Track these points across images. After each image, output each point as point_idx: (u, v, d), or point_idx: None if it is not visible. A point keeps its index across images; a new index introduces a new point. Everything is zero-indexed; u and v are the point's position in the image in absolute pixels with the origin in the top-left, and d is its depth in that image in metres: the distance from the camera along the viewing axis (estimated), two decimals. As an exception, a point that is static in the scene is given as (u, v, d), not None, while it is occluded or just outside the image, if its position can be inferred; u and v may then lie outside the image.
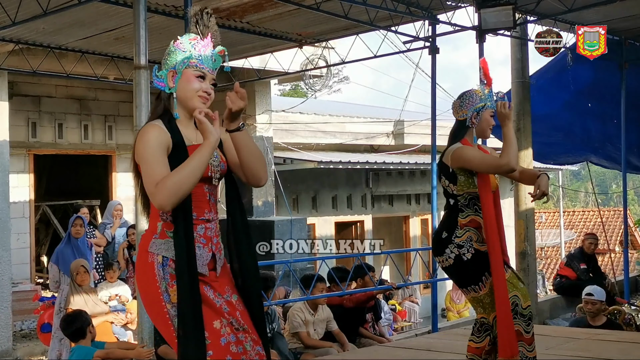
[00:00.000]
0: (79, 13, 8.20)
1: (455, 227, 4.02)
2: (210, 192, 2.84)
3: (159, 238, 2.76)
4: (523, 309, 3.93)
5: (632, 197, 35.82)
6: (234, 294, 2.86)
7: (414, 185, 16.05)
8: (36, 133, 11.85)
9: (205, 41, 2.86)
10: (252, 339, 2.80)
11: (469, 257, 3.96)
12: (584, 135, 11.54)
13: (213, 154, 2.74)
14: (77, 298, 6.92)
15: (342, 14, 8.45)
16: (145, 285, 2.78)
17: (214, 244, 2.84)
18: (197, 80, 2.81)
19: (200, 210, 2.79)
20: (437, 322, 8.76)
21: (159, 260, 2.74)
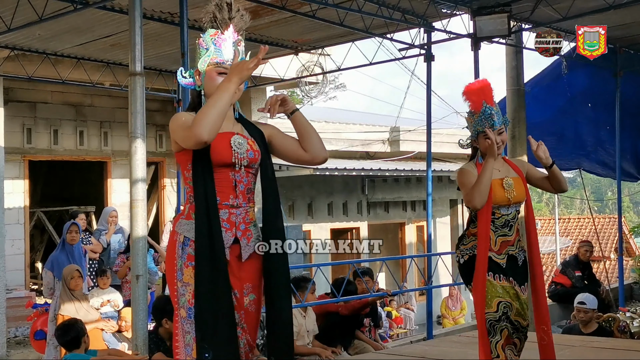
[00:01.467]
0: (75, 19, 8.21)
1: (464, 236, 4.25)
2: (237, 179, 2.90)
3: (185, 219, 2.90)
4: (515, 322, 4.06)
5: (627, 205, 35.91)
6: (252, 293, 2.90)
7: (410, 192, 16.05)
8: (31, 139, 11.83)
9: (226, 34, 2.92)
10: (247, 339, 2.86)
11: (466, 259, 4.17)
12: (577, 139, 11.55)
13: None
14: (68, 305, 6.89)
15: (338, 21, 8.47)
16: (168, 262, 2.95)
17: (240, 229, 2.89)
18: (219, 77, 2.89)
19: (224, 195, 2.86)
20: (432, 329, 8.76)
21: (181, 240, 2.87)
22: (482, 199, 3.99)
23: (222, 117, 2.70)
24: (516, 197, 4.14)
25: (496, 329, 4.01)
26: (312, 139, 3.04)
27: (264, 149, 2.96)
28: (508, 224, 4.12)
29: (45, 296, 8.26)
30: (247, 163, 2.90)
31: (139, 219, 5.61)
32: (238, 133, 2.93)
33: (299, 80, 12.00)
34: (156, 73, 11.28)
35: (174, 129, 2.85)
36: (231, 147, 2.86)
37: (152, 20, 8.26)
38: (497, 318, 4.02)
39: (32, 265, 12.76)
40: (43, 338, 7.22)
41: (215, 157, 2.82)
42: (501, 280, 4.07)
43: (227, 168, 2.86)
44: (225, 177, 2.86)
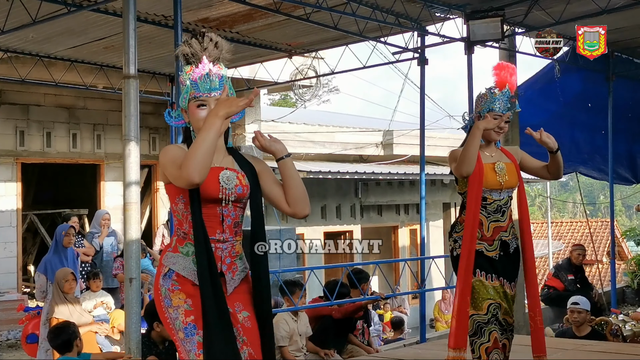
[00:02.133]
0: (68, 22, 8.20)
1: (457, 223, 4.26)
2: (224, 214, 2.89)
3: (172, 252, 2.91)
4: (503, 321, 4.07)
5: (619, 208, 36.02)
6: (245, 311, 2.91)
7: (403, 196, 16.06)
8: (24, 141, 11.81)
9: (200, 67, 2.91)
10: (249, 353, 2.86)
11: (459, 252, 4.15)
12: (573, 146, 11.59)
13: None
14: (62, 308, 6.86)
15: (332, 24, 8.48)
16: (155, 295, 2.96)
17: (225, 264, 2.90)
18: (199, 111, 2.89)
19: (211, 230, 2.86)
20: (425, 332, 8.76)
21: (165, 271, 2.89)
22: (469, 165, 4.02)
23: (211, 156, 2.69)
24: (508, 182, 4.16)
25: (484, 332, 4.03)
26: (297, 193, 2.96)
27: (253, 183, 2.94)
28: (500, 210, 4.14)
29: (38, 299, 8.23)
30: (235, 198, 2.89)
31: (132, 221, 5.60)
32: (227, 167, 2.91)
33: (293, 83, 12.01)
34: (150, 76, 11.28)
35: (164, 163, 2.83)
36: (219, 183, 2.85)
37: (146, 22, 8.26)
38: (486, 320, 4.03)
39: (25, 268, 12.72)
40: (35, 341, 7.19)
41: (203, 192, 2.81)
42: (493, 280, 4.08)
43: (214, 203, 2.86)
44: (213, 212, 2.86)
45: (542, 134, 4.15)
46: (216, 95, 2.88)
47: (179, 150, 2.85)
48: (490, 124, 4.09)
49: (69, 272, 7.08)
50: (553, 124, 11.02)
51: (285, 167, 2.95)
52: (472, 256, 4.04)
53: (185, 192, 2.81)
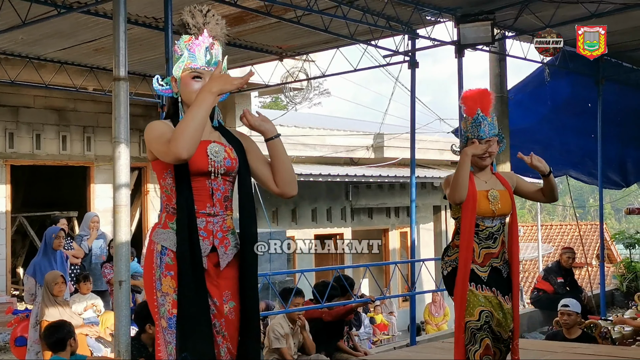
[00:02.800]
0: (58, 24, 8.17)
1: (449, 247, 4.27)
2: (214, 187, 2.88)
3: (162, 228, 2.88)
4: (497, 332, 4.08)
5: (608, 212, 36.17)
6: (232, 301, 2.89)
7: (394, 199, 16.08)
8: (14, 143, 11.75)
9: (200, 39, 2.88)
10: (227, 347, 2.85)
11: (449, 270, 4.20)
12: (563, 149, 11.63)
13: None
14: (52, 310, 6.84)
15: (323, 27, 8.49)
16: (146, 272, 2.91)
17: (217, 238, 2.87)
18: (193, 82, 2.87)
19: (201, 203, 2.85)
20: (415, 335, 8.77)
21: (158, 249, 2.85)
22: (461, 193, 4.03)
23: (201, 132, 2.67)
24: (501, 210, 4.17)
25: (477, 338, 4.02)
26: (286, 173, 2.95)
27: (241, 157, 2.93)
28: (492, 237, 4.14)
29: (27, 302, 8.19)
30: (224, 171, 2.88)
31: (122, 224, 5.57)
32: (215, 141, 2.90)
33: (284, 86, 12.00)
34: (140, 78, 11.26)
35: (149, 140, 2.81)
36: (207, 156, 2.84)
37: (136, 25, 8.25)
38: (479, 327, 4.02)
39: (14, 271, 12.66)
40: (23, 344, 7.15)
41: (192, 165, 2.79)
42: (483, 290, 4.09)
43: (203, 176, 2.84)
44: (202, 185, 2.85)
45: (532, 158, 4.18)
46: (212, 70, 2.86)
47: (164, 126, 2.83)
48: (477, 150, 4.10)
49: (59, 275, 7.05)
50: (543, 127, 11.09)
51: (275, 147, 2.93)
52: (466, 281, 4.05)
53: (173, 166, 2.79)
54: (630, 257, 14.13)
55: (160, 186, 2.93)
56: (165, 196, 2.89)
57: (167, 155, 2.70)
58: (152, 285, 2.84)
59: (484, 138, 4.14)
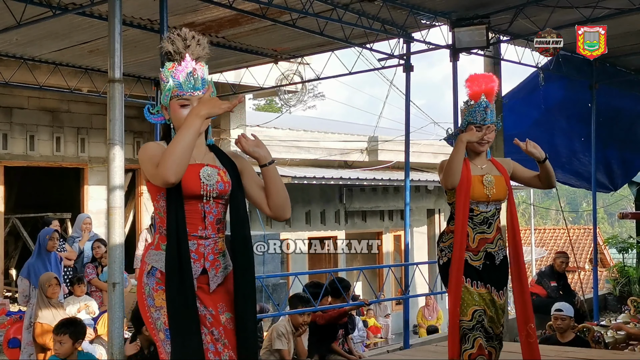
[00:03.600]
0: (53, 25, 8.16)
1: (444, 233, 4.28)
2: (206, 210, 2.88)
3: (154, 250, 2.90)
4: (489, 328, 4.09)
5: (602, 216, 36.27)
6: (227, 312, 2.90)
7: (387, 202, 16.09)
8: (7, 144, 11.72)
9: (183, 64, 2.89)
10: (229, 356, 2.85)
11: (445, 261, 4.19)
12: (551, 150, 11.61)
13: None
14: (45, 312, 6.82)
15: (318, 30, 8.50)
16: (138, 292, 2.93)
17: (208, 260, 2.88)
18: (181, 110, 2.88)
19: (193, 226, 2.85)
20: (408, 338, 8.77)
21: (148, 269, 2.87)
22: (453, 178, 4.05)
23: (189, 155, 2.68)
24: (495, 195, 4.17)
25: (469, 338, 4.03)
26: (279, 198, 2.97)
27: (235, 179, 2.94)
28: (487, 222, 4.15)
29: (20, 304, 8.17)
30: (217, 195, 2.88)
31: (116, 226, 5.57)
32: (208, 164, 2.90)
33: (278, 88, 12.01)
34: (135, 80, 11.25)
35: (142, 160, 2.83)
36: (200, 179, 2.85)
37: (131, 26, 8.24)
38: (471, 327, 4.03)
39: (7, 272, 12.61)
40: (16, 346, 7.13)
41: (184, 189, 2.79)
42: (478, 287, 4.08)
43: (196, 200, 2.84)
44: (194, 208, 2.85)
45: (528, 144, 4.18)
46: (199, 94, 2.87)
47: (157, 147, 2.84)
48: (473, 137, 4.10)
49: (53, 277, 7.03)
50: (534, 131, 11.10)
51: (269, 173, 2.94)
52: (461, 267, 4.05)
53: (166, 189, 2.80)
54: (623, 262, 14.17)
55: (155, 208, 2.94)
56: (159, 218, 2.90)
57: (156, 177, 2.72)
58: (144, 303, 2.86)
59: (486, 124, 4.15)
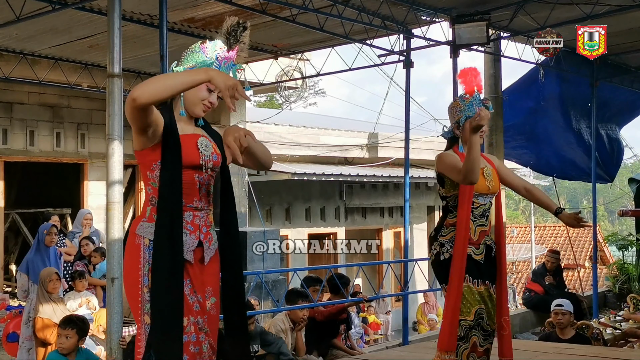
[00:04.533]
0: (53, 20, 8.15)
1: (442, 226, 4.21)
2: (201, 182, 2.87)
3: (147, 221, 2.83)
4: (486, 325, 4.06)
5: (602, 213, 36.25)
6: (213, 297, 2.89)
7: (387, 198, 16.09)
8: (7, 140, 11.71)
9: (231, 54, 2.89)
10: (209, 343, 2.84)
11: (447, 257, 4.09)
12: (546, 137, 11.65)
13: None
14: (46, 307, 6.82)
15: (318, 26, 8.49)
16: (129, 266, 2.85)
17: (202, 232, 2.87)
18: (205, 91, 2.88)
19: (189, 197, 2.84)
20: (408, 335, 8.77)
21: (146, 244, 2.80)
22: (477, 173, 3.95)
23: (169, 92, 2.62)
24: (494, 187, 4.20)
25: (468, 337, 4.03)
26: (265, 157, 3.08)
27: (222, 152, 2.96)
28: (485, 214, 4.15)
29: (19, 299, 8.17)
30: (212, 165, 2.89)
31: (115, 221, 5.58)
32: (203, 135, 2.92)
33: (278, 84, 11.99)
34: (134, 75, 11.24)
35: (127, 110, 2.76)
36: (198, 149, 2.85)
37: (131, 22, 8.23)
38: (471, 326, 4.03)
39: (6, 268, 12.62)
40: (15, 340, 7.14)
41: (184, 158, 2.78)
42: (479, 285, 4.08)
43: (192, 170, 2.83)
44: (190, 179, 2.83)
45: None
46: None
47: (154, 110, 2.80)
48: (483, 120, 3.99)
49: (53, 272, 7.03)
50: (529, 119, 11.12)
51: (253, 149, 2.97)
52: (464, 263, 4.01)
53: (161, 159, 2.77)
54: (623, 259, 14.15)
55: (147, 178, 2.87)
56: (152, 189, 2.84)
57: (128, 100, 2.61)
58: (138, 280, 2.78)
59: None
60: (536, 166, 12.84)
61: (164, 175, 2.76)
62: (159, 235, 2.73)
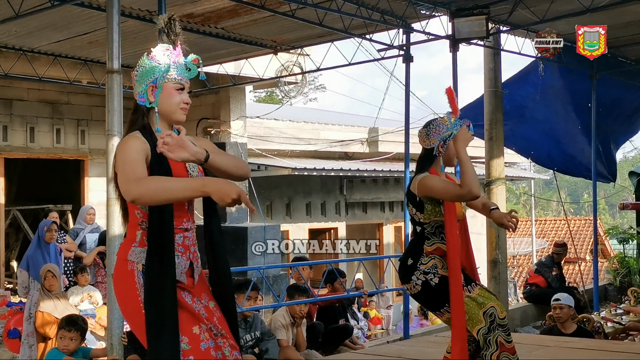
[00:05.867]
0: (52, 16, 8.15)
1: (420, 255, 4.06)
2: (189, 202, 2.86)
3: (139, 246, 2.76)
4: (501, 320, 3.94)
5: (602, 207, 36.27)
6: (211, 300, 2.88)
7: (388, 193, 16.10)
8: (7, 136, 11.72)
9: (178, 50, 2.86)
10: (230, 344, 2.82)
11: (437, 281, 3.99)
12: (548, 127, 11.64)
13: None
14: (47, 302, 6.84)
15: (317, 21, 8.48)
16: (125, 295, 2.78)
17: (191, 252, 2.86)
18: (177, 93, 2.83)
19: (179, 219, 2.81)
20: (408, 329, 8.79)
21: (139, 269, 2.74)
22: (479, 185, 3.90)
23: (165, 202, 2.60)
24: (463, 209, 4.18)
25: (490, 342, 3.93)
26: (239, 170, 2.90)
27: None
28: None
29: (20, 295, 8.18)
30: None
31: (115, 217, 5.58)
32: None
33: (278, 80, 11.99)
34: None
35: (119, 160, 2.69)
36: (187, 171, 2.83)
37: (130, 17, 8.22)
38: (488, 329, 3.92)
39: (7, 264, 12.63)
40: (16, 337, 7.15)
41: None
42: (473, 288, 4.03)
43: None
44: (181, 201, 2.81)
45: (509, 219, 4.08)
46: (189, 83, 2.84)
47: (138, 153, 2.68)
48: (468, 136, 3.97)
49: (46, 270, 7.03)
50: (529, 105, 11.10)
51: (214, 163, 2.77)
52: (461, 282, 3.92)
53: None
54: (624, 252, 14.16)
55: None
56: (141, 212, 2.76)
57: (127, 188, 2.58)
58: (140, 307, 2.72)
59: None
60: (537, 158, 12.82)
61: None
62: (152, 260, 2.69)
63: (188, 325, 2.72)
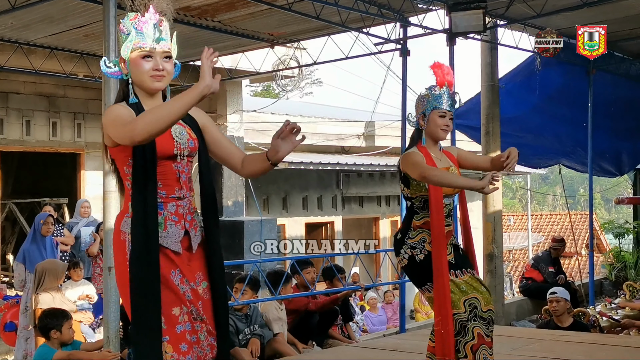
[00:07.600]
0: (48, 9, 8.12)
1: (409, 229, 4.10)
2: (180, 170, 2.83)
3: (130, 217, 2.77)
4: (483, 312, 3.91)
5: (598, 201, 36.31)
6: (204, 281, 2.86)
7: (384, 187, 16.10)
8: (3, 130, 11.69)
9: (147, 15, 2.78)
10: (207, 330, 2.82)
11: (422, 258, 4.01)
12: (555, 139, 11.65)
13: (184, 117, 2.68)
14: (44, 295, 6.83)
15: (314, 14, 8.46)
16: (117, 262, 2.83)
17: (187, 221, 2.84)
18: (143, 62, 2.76)
19: (170, 188, 2.80)
20: (405, 323, 8.80)
21: (129, 239, 2.75)
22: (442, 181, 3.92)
23: (168, 125, 2.55)
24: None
25: (467, 329, 3.89)
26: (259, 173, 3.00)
27: (199, 135, 2.89)
28: (450, 214, 4.10)
29: (17, 288, 8.18)
30: (188, 152, 2.84)
31: (112, 210, 5.57)
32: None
33: (275, 73, 11.97)
34: (131, 64, 11.19)
35: (107, 123, 2.71)
36: (173, 138, 2.79)
37: (126, 10, 8.19)
38: (467, 318, 3.90)
39: (3, 257, 12.63)
40: (12, 330, 7.15)
41: (159, 149, 2.73)
42: (463, 274, 4.01)
43: (169, 160, 2.78)
44: (168, 169, 2.79)
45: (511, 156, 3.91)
46: (163, 48, 2.77)
47: (122, 109, 2.73)
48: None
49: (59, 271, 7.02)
50: (534, 116, 11.10)
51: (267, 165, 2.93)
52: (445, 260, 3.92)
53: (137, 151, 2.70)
54: (620, 247, 14.21)
55: (124, 174, 2.82)
56: (131, 182, 2.77)
57: (124, 133, 2.59)
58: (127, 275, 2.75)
59: (450, 110, 4.10)
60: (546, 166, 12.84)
61: (137, 169, 2.72)
62: (135, 230, 2.70)
63: (169, 305, 2.73)
